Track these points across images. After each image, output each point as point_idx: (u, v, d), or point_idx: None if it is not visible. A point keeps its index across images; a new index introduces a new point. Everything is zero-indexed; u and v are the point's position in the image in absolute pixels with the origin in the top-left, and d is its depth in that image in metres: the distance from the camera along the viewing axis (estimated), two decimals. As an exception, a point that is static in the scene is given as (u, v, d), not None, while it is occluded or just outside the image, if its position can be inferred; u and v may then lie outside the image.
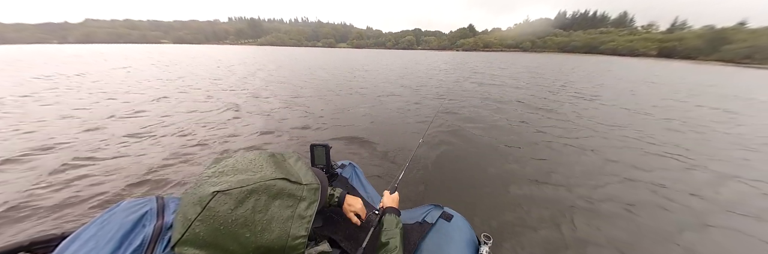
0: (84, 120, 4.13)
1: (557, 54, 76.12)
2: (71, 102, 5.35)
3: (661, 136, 3.98)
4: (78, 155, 2.86)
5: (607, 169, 2.81)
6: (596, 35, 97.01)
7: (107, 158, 2.83)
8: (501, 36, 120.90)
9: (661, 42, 75.12)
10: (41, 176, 2.43)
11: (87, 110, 4.80)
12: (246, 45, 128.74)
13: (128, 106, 5.11)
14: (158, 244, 0.45)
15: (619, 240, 1.76)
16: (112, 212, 0.50)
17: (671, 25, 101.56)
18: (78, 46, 55.70)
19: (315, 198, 0.51)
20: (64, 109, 4.77)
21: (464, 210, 1.27)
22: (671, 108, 6.07)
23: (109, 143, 3.23)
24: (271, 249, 0.43)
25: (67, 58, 17.97)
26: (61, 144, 3.15)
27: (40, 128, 3.70)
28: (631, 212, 2.07)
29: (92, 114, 4.49)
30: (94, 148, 3.06)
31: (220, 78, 9.40)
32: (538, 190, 2.34)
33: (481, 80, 10.64)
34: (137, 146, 3.15)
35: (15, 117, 4.24)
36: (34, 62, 14.76)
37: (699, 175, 2.76)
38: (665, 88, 9.51)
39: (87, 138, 3.37)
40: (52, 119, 4.20)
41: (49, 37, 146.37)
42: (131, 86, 7.32)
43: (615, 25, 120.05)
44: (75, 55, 22.55)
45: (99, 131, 3.65)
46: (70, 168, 2.58)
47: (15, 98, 5.64)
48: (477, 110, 5.38)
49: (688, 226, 1.93)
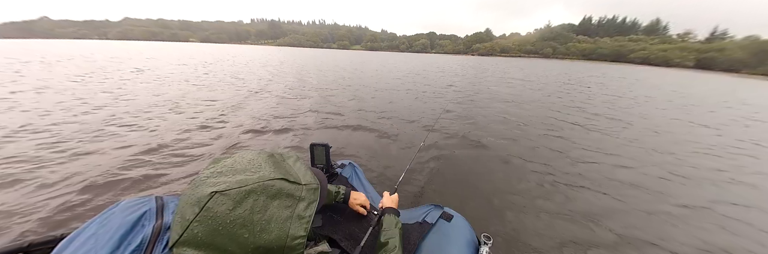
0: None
1: (582, 62, 72.11)
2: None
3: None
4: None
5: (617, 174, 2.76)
6: (625, 42, 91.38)
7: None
8: (521, 41, 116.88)
9: (699, 52, 69.31)
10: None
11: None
12: (266, 45, 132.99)
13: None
14: (157, 244, 0.45)
15: (620, 240, 1.77)
16: (111, 211, 0.51)
17: (710, 35, 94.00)
18: (127, 43, 61.27)
19: (314, 198, 0.50)
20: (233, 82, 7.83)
21: (464, 210, 1.30)
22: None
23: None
24: (270, 250, 0.42)
25: (152, 54, 20.45)
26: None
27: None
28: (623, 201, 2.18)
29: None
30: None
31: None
32: (538, 190, 2.34)
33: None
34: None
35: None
36: (130, 57, 16.15)
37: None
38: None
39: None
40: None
41: (91, 33, 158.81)
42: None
43: (646, 33, 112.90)
44: (148, 51, 24.33)
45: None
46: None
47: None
48: (482, 112, 5.33)
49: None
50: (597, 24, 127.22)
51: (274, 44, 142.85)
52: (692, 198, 2.37)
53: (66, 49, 23.97)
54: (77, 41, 63.87)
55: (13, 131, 3.16)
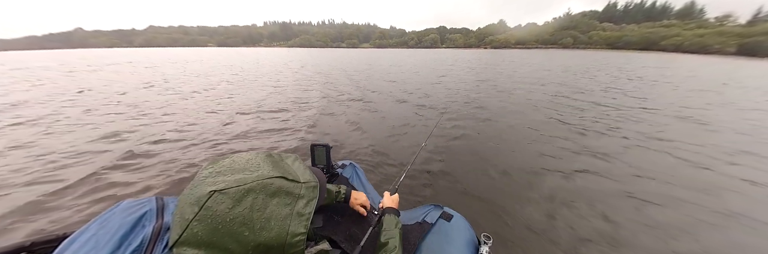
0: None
1: (607, 51, 67.11)
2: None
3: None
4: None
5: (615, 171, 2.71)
6: (656, 28, 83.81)
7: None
8: (538, 31, 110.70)
9: (740, 37, 62.10)
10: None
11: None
12: (278, 47, 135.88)
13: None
14: (157, 244, 0.46)
15: (621, 239, 1.73)
16: (112, 212, 0.51)
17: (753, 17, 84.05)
18: (156, 50, 70.52)
19: (313, 196, 0.50)
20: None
21: (464, 210, 1.28)
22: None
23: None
24: (271, 247, 0.42)
25: (193, 58, 23.60)
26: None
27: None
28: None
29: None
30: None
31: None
32: (539, 191, 2.29)
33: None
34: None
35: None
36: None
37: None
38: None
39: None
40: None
41: (120, 42, 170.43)
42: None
43: (679, 17, 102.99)
44: (184, 58, 26.43)
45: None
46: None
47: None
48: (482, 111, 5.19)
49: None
50: (623, 10, 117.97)
51: (285, 46, 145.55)
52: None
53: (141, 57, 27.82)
54: (114, 50, 73.32)
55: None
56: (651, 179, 2.52)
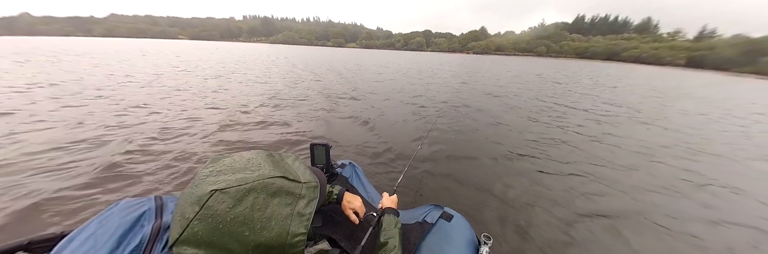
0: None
1: (576, 60, 72.09)
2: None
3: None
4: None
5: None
6: (618, 41, 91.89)
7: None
8: (515, 39, 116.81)
9: (689, 51, 70.04)
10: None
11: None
12: (258, 43, 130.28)
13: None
14: (157, 244, 0.45)
15: (624, 238, 1.77)
16: (111, 211, 0.51)
17: (699, 33, 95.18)
18: (121, 40, 62.17)
19: (314, 196, 0.50)
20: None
21: (464, 210, 1.28)
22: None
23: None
24: (271, 247, 0.42)
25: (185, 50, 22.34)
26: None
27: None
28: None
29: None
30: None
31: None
32: (539, 191, 2.30)
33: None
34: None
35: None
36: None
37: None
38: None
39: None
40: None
41: (76, 31, 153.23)
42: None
43: (638, 31, 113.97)
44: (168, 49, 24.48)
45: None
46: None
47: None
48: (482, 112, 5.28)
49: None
50: (590, 22, 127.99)
51: (266, 42, 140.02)
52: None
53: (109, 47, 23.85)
54: (66, 38, 64.73)
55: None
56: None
